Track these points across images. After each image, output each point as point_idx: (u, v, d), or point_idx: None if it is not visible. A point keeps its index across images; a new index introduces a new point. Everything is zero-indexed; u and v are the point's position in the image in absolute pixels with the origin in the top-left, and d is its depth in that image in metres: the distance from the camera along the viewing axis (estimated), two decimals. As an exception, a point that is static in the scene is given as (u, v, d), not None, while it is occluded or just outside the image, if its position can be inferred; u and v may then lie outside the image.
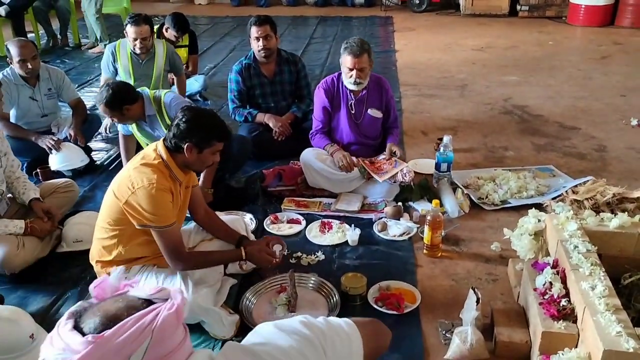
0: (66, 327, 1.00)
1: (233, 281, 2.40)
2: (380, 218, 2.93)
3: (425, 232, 2.63)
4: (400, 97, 4.87)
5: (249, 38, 3.59)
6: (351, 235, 2.75)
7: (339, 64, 3.14)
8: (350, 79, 3.06)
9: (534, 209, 2.40)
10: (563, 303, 1.86)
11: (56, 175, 3.30)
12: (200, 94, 4.82)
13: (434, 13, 8.73)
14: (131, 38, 3.86)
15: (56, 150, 3.41)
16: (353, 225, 2.82)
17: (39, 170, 3.34)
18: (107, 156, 3.85)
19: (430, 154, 3.67)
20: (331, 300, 2.29)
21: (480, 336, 1.99)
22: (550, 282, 1.94)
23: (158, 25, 4.57)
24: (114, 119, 2.97)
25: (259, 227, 2.93)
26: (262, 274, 2.46)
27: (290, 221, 2.97)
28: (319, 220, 2.96)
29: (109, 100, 2.84)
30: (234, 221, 2.52)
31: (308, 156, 3.16)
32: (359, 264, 2.61)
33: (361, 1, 9.40)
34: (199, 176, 2.89)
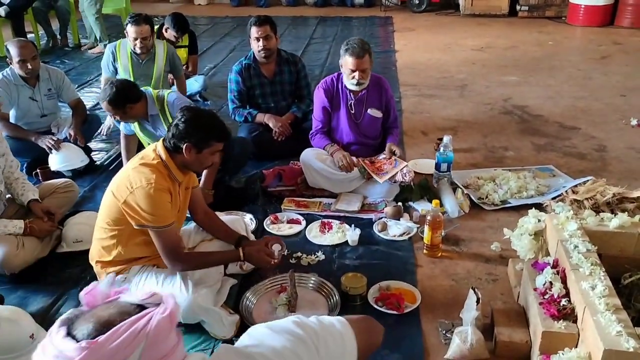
0: (59, 335, 0.99)
1: (233, 281, 2.40)
2: (380, 218, 2.93)
3: (425, 232, 2.63)
4: (400, 97, 4.87)
5: (249, 38, 3.59)
6: (351, 235, 2.75)
7: (339, 64, 3.14)
8: (353, 80, 3.06)
9: (534, 209, 2.40)
10: (563, 303, 1.86)
11: (56, 176, 3.30)
12: (200, 94, 4.82)
13: (434, 13, 8.73)
14: (131, 38, 3.86)
15: (56, 150, 3.41)
16: (353, 225, 2.82)
17: (38, 170, 3.34)
18: (107, 156, 3.85)
19: (430, 154, 3.67)
20: (331, 300, 2.29)
21: (481, 336, 1.99)
22: (551, 282, 1.94)
23: (158, 26, 4.57)
24: (117, 117, 2.97)
25: (259, 227, 2.93)
26: (262, 274, 2.45)
27: (290, 221, 2.97)
28: (319, 220, 2.96)
29: (113, 98, 2.84)
30: (234, 221, 2.52)
31: (308, 156, 3.16)
32: (359, 264, 2.61)
33: (361, 1, 9.40)
34: (199, 177, 2.89)
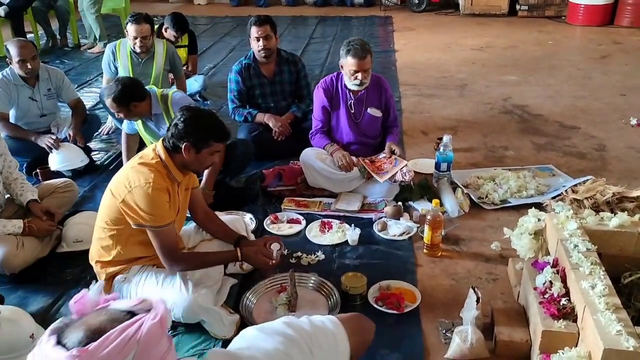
0: (49, 343, 0.99)
1: (233, 281, 2.40)
2: (380, 218, 2.93)
3: (425, 232, 2.63)
4: (399, 97, 4.87)
5: (249, 38, 3.59)
6: (351, 235, 2.75)
7: (339, 64, 3.14)
8: (356, 80, 3.06)
9: (533, 208, 2.40)
10: (563, 302, 1.86)
11: (56, 176, 3.29)
12: (200, 94, 4.82)
13: (434, 13, 8.73)
14: (131, 37, 3.87)
15: (55, 148, 3.40)
16: (353, 225, 2.82)
17: (38, 170, 3.34)
18: (107, 156, 3.85)
19: (430, 153, 3.67)
20: (331, 300, 2.29)
21: (481, 335, 2.00)
22: (550, 281, 1.94)
23: (157, 26, 4.57)
24: (120, 115, 2.97)
25: (259, 227, 2.93)
26: (262, 273, 2.45)
27: (290, 221, 2.97)
28: (319, 220, 2.96)
29: (118, 95, 2.84)
30: (234, 221, 2.52)
31: (308, 156, 3.16)
32: (359, 263, 2.61)
33: (360, 1, 9.39)
34: (200, 177, 2.89)
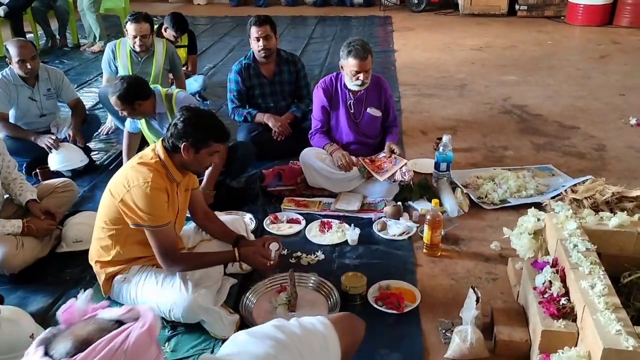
0: (37, 355, 0.98)
1: (233, 281, 2.40)
2: (380, 217, 2.93)
3: (425, 232, 2.63)
4: (399, 97, 4.87)
5: (249, 38, 3.59)
6: (351, 235, 2.75)
7: (339, 65, 3.14)
8: (357, 81, 3.06)
9: (533, 208, 2.40)
10: (563, 302, 1.86)
11: (55, 176, 3.29)
12: (200, 94, 4.82)
13: (433, 13, 8.73)
14: (131, 35, 3.87)
15: (55, 148, 3.40)
16: (353, 225, 2.82)
17: (38, 170, 3.34)
18: (107, 156, 3.85)
19: (429, 153, 3.67)
20: (331, 300, 2.29)
21: (480, 335, 2.00)
22: (550, 281, 1.94)
23: (157, 26, 4.57)
24: (124, 113, 2.97)
25: (259, 227, 2.93)
26: (262, 273, 2.45)
27: (290, 221, 2.97)
28: (319, 220, 2.96)
29: (122, 93, 2.84)
30: (234, 221, 2.52)
31: (307, 156, 3.16)
32: (358, 263, 2.61)
33: (360, 1, 9.39)
34: (201, 178, 2.89)
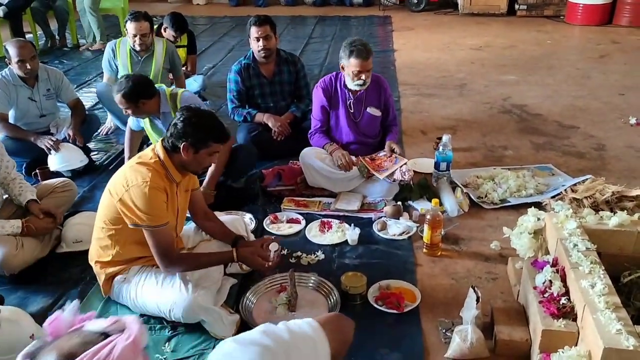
0: None
1: (233, 281, 2.40)
2: (380, 217, 2.93)
3: (425, 231, 2.63)
4: (399, 97, 4.87)
5: (249, 38, 3.59)
6: (351, 235, 2.75)
7: (339, 65, 3.13)
8: (359, 81, 3.06)
9: (533, 207, 2.40)
10: (563, 301, 1.86)
11: (55, 176, 3.28)
12: (199, 94, 4.81)
13: (432, 12, 8.73)
14: (131, 34, 3.88)
15: (55, 150, 3.40)
16: (353, 225, 2.82)
17: (38, 170, 3.34)
18: (107, 156, 3.85)
19: (429, 153, 3.67)
20: (331, 300, 2.29)
21: (481, 335, 2.00)
22: (550, 281, 1.94)
23: (157, 26, 4.57)
24: (128, 111, 2.96)
25: (259, 227, 2.93)
26: (262, 273, 2.45)
27: (290, 221, 2.97)
28: (319, 219, 2.96)
29: (127, 92, 2.84)
30: (234, 221, 2.52)
31: (307, 155, 3.16)
32: (358, 263, 2.61)
33: (359, 1, 9.39)
34: (202, 178, 2.89)
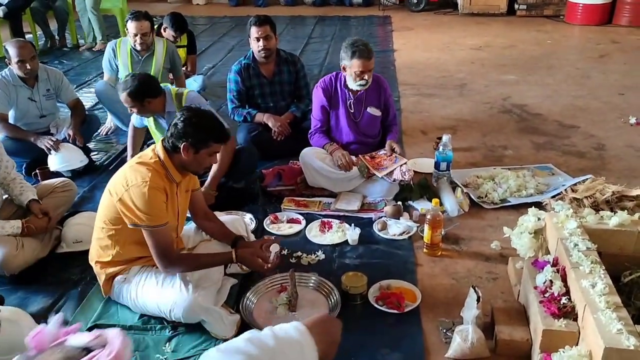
0: None
1: (234, 281, 2.40)
2: (380, 217, 2.93)
3: (425, 231, 2.63)
4: (399, 97, 4.87)
5: (249, 38, 3.59)
6: (351, 235, 2.75)
7: (341, 66, 3.12)
8: (362, 81, 3.06)
9: (533, 207, 2.40)
10: (563, 301, 1.86)
11: (55, 176, 3.28)
12: (199, 94, 4.81)
13: (432, 12, 8.74)
14: (132, 34, 3.88)
15: (55, 150, 3.40)
16: (353, 225, 2.82)
17: (38, 171, 3.34)
18: (107, 157, 3.84)
19: (429, 153, 3.67)
20: (332, 300, 2.29)
21: (481, 334, 2.00)
22: (551, 280, 1.94)
23: (156, 26, 4.57)
24: (134, 110, 2.96)
25: (259, 227, 2.92)
26: (262, 274, 2.45)
27: (290, 221, 2.97)
28: (319, 219, 2.96)
29: (133, 90, 2.84)
30: (234, 221, 2.52)
31: (307, 155, 3.16)
32: (359, 263, 2.61)
33: (359, 1, 9.40)
34: (203, 179, 2.89)
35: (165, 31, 4.50)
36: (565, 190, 2.98)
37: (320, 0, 9.54)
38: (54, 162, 3.41)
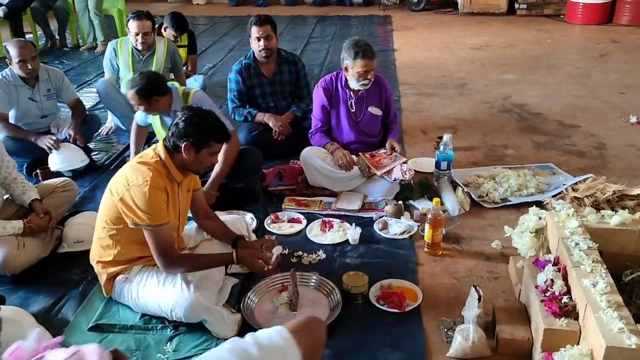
0: None
1: (235, 280, 2.40)
2: (381, 217, 2.93)
3: (426, 231, 2.63)
4: (399, 97, 4.87)
5: (249, 38, 3.59)
6: (352, 234, 2.75)
7: (343, 66, 3.12)
8: (365, 81, 3.06)
9: (534, 206, 2.40)
10: (565, 300, 1.87)
11: (56, 176, 3.27)
12: (200, 93, 4.81)
13: (432, 12, 8.75)
14: (133, 33, 3.89)
15: (56, 149, 3.40)
16: (354, 224, 2.82)
17: (38, 170, 3.34)
18: (107, 156, 3.85)
19: (430, 152, 3.67)
20: (333, 299, 2.29)
21: (482, 334, 2.00)
22: (552, 280, 1.94)
23: (157, 25, 4.57)
24: (140, 107, 2.96)
25: (260, 227, 2.92)
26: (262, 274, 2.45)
27: (291, 220, 2.97)
28: (320, 219, 2.96)
29: (141, 88, 2.84)
30: (235, 221, 2.52)
31: (308, 155, 3.16)
32: (360, 262, 2.61)
33: (359, 0, 9.40)
34: (205, 179, 2.88)
35: (165, 31, 4.50)
36: (566, 189, 2.98)
37: (321, 0, 9.54)
38: (55, 162, 3.41)
